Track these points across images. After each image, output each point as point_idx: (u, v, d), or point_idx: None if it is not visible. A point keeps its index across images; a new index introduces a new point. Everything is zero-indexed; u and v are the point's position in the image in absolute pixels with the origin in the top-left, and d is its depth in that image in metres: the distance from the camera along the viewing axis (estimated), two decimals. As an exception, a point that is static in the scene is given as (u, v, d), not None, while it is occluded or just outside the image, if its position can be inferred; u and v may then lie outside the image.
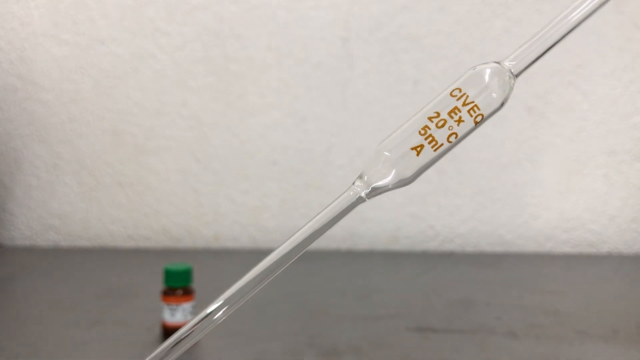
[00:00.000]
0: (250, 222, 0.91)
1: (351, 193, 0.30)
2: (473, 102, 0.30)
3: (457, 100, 0.30)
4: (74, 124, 0.89)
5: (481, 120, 0.30)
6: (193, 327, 0.29)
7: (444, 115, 0.30)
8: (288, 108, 0.88)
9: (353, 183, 0.30)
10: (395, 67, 0.87)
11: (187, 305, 0.55)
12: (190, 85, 0.88)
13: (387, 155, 0.30)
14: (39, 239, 0.92)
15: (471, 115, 0.30)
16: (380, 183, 0.30)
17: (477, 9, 0.86)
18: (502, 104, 0.30)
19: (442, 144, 0.30)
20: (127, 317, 0.62)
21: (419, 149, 0.29)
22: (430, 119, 0.30)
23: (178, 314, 0.55)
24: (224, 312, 0.30)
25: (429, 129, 0.30)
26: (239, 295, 0.30)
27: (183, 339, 0.29)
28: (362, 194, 0.30)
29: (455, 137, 0.30)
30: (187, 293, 0.56)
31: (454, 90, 0.30)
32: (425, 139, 0.29)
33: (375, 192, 0.30)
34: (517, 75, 0.30)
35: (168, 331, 0.55)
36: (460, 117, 0.30)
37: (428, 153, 0.29)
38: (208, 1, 0.86)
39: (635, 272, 0.84)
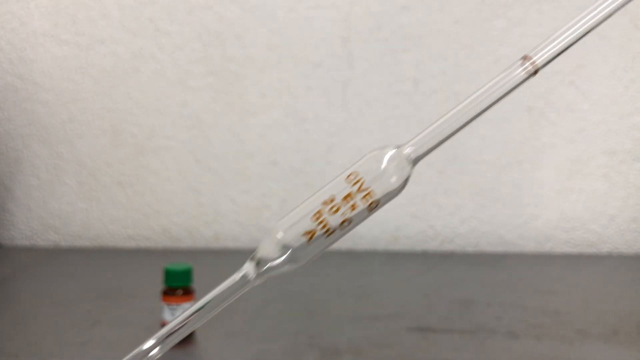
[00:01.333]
0: (250, 222, 0.91)
1: (239, 275, 0.29)
2: (368, 188, 0.29)
3: (353, 185, 0.29)
4: (74, 124, 0.89)
5: (376, 206, 0.30)
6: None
7: (337, 200, 0.29)
8: (288, 108, 0.88)
9: (245, 264, 0.30)
10: (395, 67, 0.87)
11: (187, 305, 0.55)
12: (190, 85, 0.88)
13: (280, 236, 0.29)
14: (39, 239, 0.92)
15: (365, 202, 0.29)
16: (272, 264, 0.29)
17: (477, 9, 0.86)
18: (400, 190, 0.30)
19: (334, 230, 0.29)
20: (127, 317, 0.62)
21: (310, 235, 0.29)
22: (324, 203, 0.29)
23: (178, 314, 0.55)
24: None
25: (322, 214, 0.29)
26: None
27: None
28: (252, 276, 0.29)
29: (349, 223, 0.29)
30: (187, 293, 0.56)
31: (350, 174, 0.30)
32: (318, 224, 0.29)
33: (267, 273, 0.29)
34: (416, 161, 0.30)
35: (168, 331, 0.55)
36: (354, 203, 0.29)
37: (320, 240, 0.29)
38: (208, 1, 0.86)
39: (635, 272, 0.84)
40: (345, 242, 0.91)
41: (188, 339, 0.56)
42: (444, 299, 0.69)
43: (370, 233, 0.91)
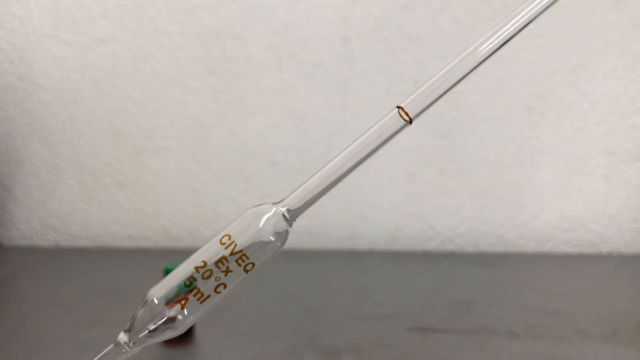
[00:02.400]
0: (250, 222, 0.91)
1: (111, 347, 0.30)
2: (241, 251, 0.29)
3: (226, 248, 0.29)
4: (74, 124, 0.89)
5: (252, 268, 0.29)
6: None
7: (210, 265, 0.28)
8: (288, 108, 0.88)
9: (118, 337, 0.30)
10: (395, 67, 0.87)
11: (187, 305, 0.55)
12: (190, 85, 0.88)
13: (155, 302, 0.29)
14: (39, 239, 0.92)
15: (240, 265, 0.29)
16: (148, 329, 0.29)
17: (477, 9, 0.86)
18: (278, 249, 0.29)
19: (209, 296, 0.28)
20: (128, 317, 0.62)
21: (183, 302, 0.29)
22: (197, 268, 0.29)
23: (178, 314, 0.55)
24: None
25: (195, 280, 0.28)
26: None
27: None
28: (127, 343, 0.30)
29: (224, 288, 0.29)
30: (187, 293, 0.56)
31: (223, 237, 0.29)
32: (190, 291, 0.28)
33: (144, 341, 0.29)
34: (294, 217, 0.30)
35: (168, 331, 0.54)
36: (227, 267, 0.28)
37: (194, 306, 0.29)
38: (208, 1, 0.86)
39: (635, 272, 0.84)
40: (345, 242, 0.91)
41: (188, 339, 0.56)
42: (444, 299, 0.69)
43: (370, 233, 0.91)
